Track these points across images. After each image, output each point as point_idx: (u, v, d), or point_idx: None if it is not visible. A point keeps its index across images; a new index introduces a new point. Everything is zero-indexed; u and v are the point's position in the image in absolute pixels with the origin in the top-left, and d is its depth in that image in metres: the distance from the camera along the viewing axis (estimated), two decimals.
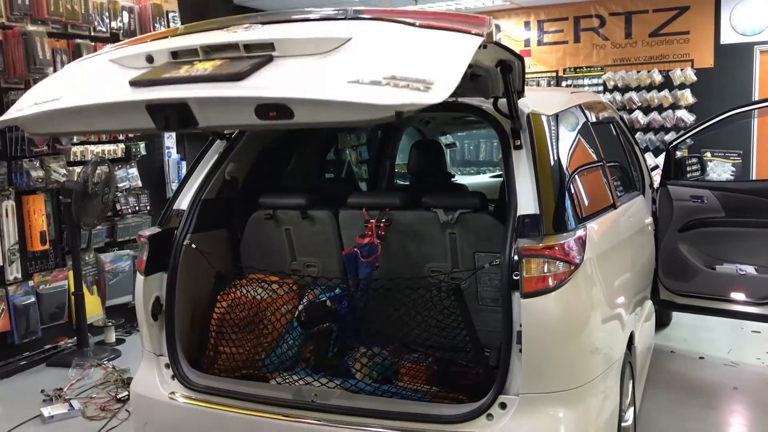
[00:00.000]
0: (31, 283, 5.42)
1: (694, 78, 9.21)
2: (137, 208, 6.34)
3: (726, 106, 5.10)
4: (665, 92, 9.36)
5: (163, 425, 3.12)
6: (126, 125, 2.50)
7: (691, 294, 4.70)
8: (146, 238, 3.17)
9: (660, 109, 9.42)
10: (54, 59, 5.49)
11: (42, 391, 4.71)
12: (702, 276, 4.68)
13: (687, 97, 9.24)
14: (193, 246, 3.20)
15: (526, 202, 2.65)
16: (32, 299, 5.37)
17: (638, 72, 9.54)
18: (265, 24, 2.30)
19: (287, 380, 3.00)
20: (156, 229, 3.26)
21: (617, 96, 9.65)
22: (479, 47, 2.04)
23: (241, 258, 3.58)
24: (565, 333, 2.55)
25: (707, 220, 4.67)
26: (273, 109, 1.92)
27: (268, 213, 3.51)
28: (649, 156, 8.03)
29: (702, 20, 9.18)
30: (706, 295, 4.67)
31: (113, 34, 6.15)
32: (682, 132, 5.85)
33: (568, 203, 2.73)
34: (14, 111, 2.30)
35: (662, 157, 5.28)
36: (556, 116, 3.01)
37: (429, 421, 2.60)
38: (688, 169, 5.00)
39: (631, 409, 3.36)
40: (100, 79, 2.35)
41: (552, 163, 2.77)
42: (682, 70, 9.28)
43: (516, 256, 2.53)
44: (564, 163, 2.84)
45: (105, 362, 5.23)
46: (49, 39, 5.45)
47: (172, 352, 3.10)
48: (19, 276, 5.32)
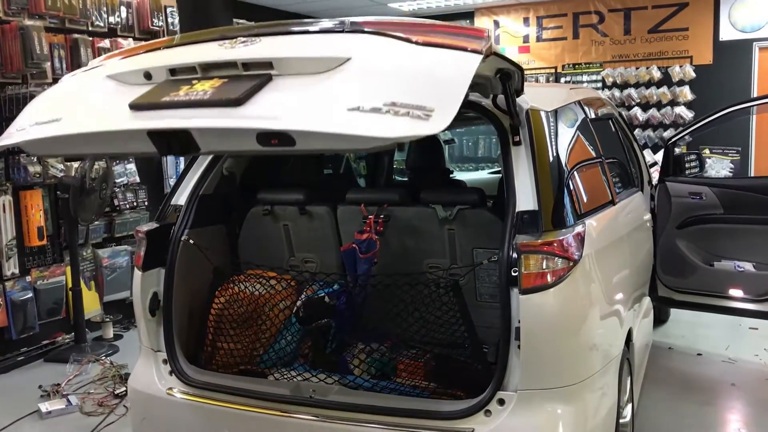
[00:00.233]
0: (28, 278, 5.41)
1: (693, 75, 9.21)
2: (135, 203, 6.32)
3: (725, 102, 5.10)
4: (664, 89, 9.36)
5: (160, 421, 3.12)
6: (128, 149, 2.51)
7: (690, 291, 4.71)
8: (144, 234, 3.16)
9: (659, 105, 9.42)
10: (51, 54, 5.48)
11: (39, 387, 4.70)
12: (700, 273, 4.68)
13: (686, 93, 9.24)
14: (191, 241, 3.20)
15: (525, 198, 2.64)
16: (30, 295, 5.37)
17: (637, 68, 9.53)
18: (262, 36, 2.29)
19: (285, 376, 3.00)
20: (154, 225, 3.25)
21: (616, 92, 9.64)
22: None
23: (239, 253, 3.58)
24: (563, 329, 2.55)
25: (706, 216, 4.67)
26: (275, 137, 1.95)
27: (266, 208, 3.51)
28: (647, 153, 8.03)
29: (701, 17, 9.17)
30: (704, 291, 4.67)
31: (111, 29, 6.14)
32: (680, 129, 5.83)
33: (566, 199, 2.72)
34: (15, 131, 2.27)
35: (661, 153, 5.27)
36: (555, 112, 3.00)
37: (427, 417, 2.60)
38: (687, 165, 5.00)
39: (630, 405, 3.36)
40: (99, 99, 2.33)
41: (551, 159, 2.76)
42: (681, 66, 9.28)
43: (514, 253, 2.52)
44: (563, 159, 2.83)
45: (103, 358, 5.21)
46: (47, 33, 5.43)
47: (170, 347, 3.09)
48: (17, 271, 5.31)
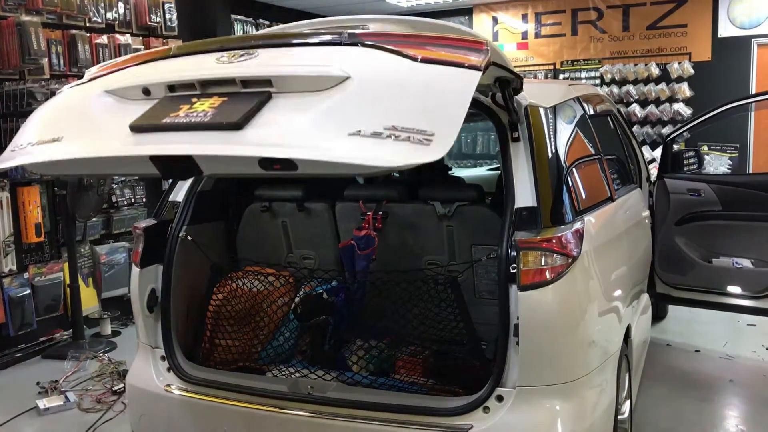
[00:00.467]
0: (26, 275, 5.40)
1: (692, 71, 9.21)
2: (133, 200, 6.32)
3: (723, 99, 5.10)
4: (662, 85, 9.35)
5: (158, 417, 3.12)
6: (130, 171, 2.51)
7: (688, 287, 4.72)
8: (141, 230, 3.16)
9: (657, 102, 9.42)
10: (49, 50, 5.47)
11: (37, 384, 4.70)
12: (698, 269, 4.68)
13: (684, 90, 9.23)
14: (189, 238, 3.19)
15: (524, 195, 2.64)
16: (27, 291, 5.36)
17: (636, 65, 9.53)
18: (260, 49, 2.29)
19: (283, 373, 3.00)
20: (151, 221, 3.25)
21: (614, 89, 9.64)
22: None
23: (237, 250, 3.57)
24: (562, 326, 2.54)
25: (704, 213, 4.67)
26: (277, 162, 1.97)
27: (264, 205, 3.50)
28: (646, 149, 8.04)
29: (700, 13, 9.17)
30: (702, 288, 4.68)
31: (109, 25, 6.12)
32: (679, 125, 5.84)
33: (565, 196, 2.72)
34: (17, 151, 2.25)
35: (659, 150, 5.27)
36: (554, 108, 2.99)
37: (425, 414, 2.59)
38: (685, 162, 5.00)
39: (628, 401, 3.37)
40: (99, 117, 2.33)
41: (550, 155, 2.75)
42: (679, 63, 9.27)
43: (513, 249, 2.52)
44: (562, 155, 2.83)
45: (100, 354, 5.21)
46: (44, 29, 5.42)
47: (168, 344, 3.09)
48: (14, 268, 5.30)
